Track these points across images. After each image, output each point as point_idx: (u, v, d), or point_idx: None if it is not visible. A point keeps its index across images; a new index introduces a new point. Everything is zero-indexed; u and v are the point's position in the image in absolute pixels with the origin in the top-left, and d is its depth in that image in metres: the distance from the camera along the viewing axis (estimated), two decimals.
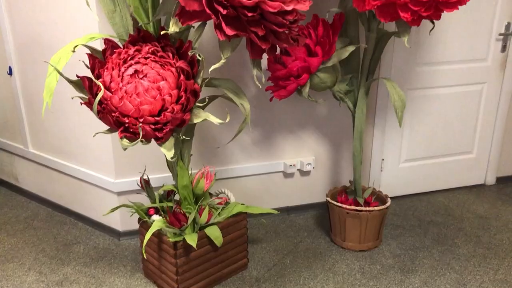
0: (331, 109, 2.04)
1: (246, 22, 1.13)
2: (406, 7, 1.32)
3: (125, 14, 1.39)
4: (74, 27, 1.70)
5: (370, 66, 1.73)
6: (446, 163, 2.33)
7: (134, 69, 1.17)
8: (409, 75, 2.10)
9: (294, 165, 2.06)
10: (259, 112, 1.94)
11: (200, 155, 1.92)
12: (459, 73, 2.16)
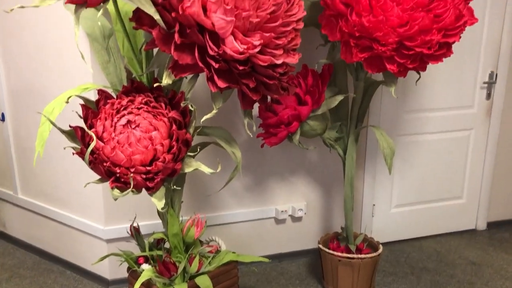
0: (322, 155, 2.06)
1: (238, 75, 1.16)
2: (392, 59, 1.37)
3: (119, 64, 1.42)
4: (68, 76, 1.73)
5: (359, 114, 1.77)
6: (437, 208, 2.34)
7: (127, 119, 1.19)
8: (397, 121, 2.14)
9: (286, 211, 2.06)
10: (250, 157, 1.95)
11: (191, 201, 1.91)
12: (447, 120, 2.21)
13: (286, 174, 2.04)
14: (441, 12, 1.31)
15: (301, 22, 1.26)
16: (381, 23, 1.30)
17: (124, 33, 1.29)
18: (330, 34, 1.47)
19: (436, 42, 1.32)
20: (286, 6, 1.21)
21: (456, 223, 2.41)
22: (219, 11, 1.07)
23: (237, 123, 1.88)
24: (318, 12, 1.55)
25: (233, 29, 1.09)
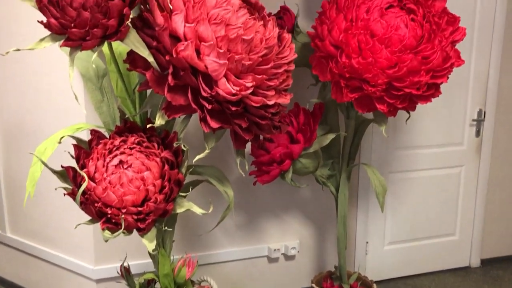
0: (315, 192, 2.06)
1: (230, 115, 1.17)
2: (382, 99, 1.40)
3: (112, 103, 1.43)
4: (61, 115, 1.73)
5: (350, 151, 1.79)
6: (430, 245, 2.33)
7: (119, 160, 1.19)
8: (389, 158, 2.16)
9: (279, 249, 2.04)
10: (243, 195, 1.95)
11: (182, 240, 1.89)
12: (437, 157, 2.23)
13: (279, 211, 2.03)
14: (429, 54, 1.34)
15: (293, 64, 1.29)
16: (370, 65, 1.33)
17: (118, 73, 1.31)
18: (321, 75, 1.50)
19: (424, 83, 1.36)
20: (278, 49, 1.24)
21: (450, 260, 2.40)
22: (212, 54, 1.09)
23: (229, 161, 1.89)
24: (309, 52, 1.59)
25: (226, 71, 1.11)
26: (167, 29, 1.10)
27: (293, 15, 1.63)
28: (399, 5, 1.36)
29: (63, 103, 1.73)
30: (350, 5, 1.39)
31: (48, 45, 1.08)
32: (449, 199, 2.31)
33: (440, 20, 1.38)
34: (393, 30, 1.32)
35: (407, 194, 2.22)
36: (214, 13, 1.10)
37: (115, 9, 1.05)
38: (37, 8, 1.08)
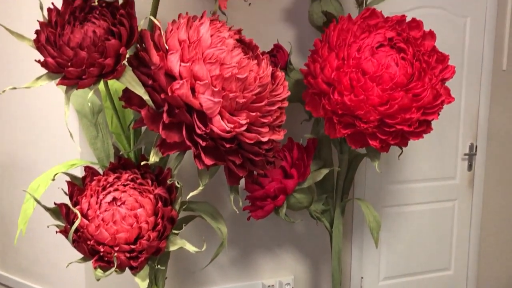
0: (309, 227, 2.05)
1: (224, 152, 1.18)
2: (374, 135, 1.41)
3: (107, 139, 1.44)
4: (55, 150, 1.73)
5: (344, 186, 1.79)
6: (425, 280, 2.31)
7: (112, 196, 1.19)
8: (382, 193, 2.16)
9: (273, 285, 2.01)
10: (236, 230, 1.93)
11: (175, 277, 1.86)
12: (430, 191, 2.24)
13: (273, 247, 2.02)
14: (420, 92, 1.37)
15: (286, 101, 1.31)
16: (362, 102, 1.35)
17: (114, 110, 1.32)
18: (314, 111, 1.52)
19: (416, 119, 1.38)
20: (271, 87, 1.26)
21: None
22: (207, 93, 1.11)
23: (223, 195, 1.88)
24: (302, 89, 1.61)
25: (220, 109, 1.13)
26: (162, 68, 1.12)
27: (286, 52, 1.67)
28: (389, 44, 1.40)
29: (57, 138, 1.73)
30: (341, 44, 1.42)
31: (44, 84, 1.10)
32: (444, 233, 2.30)
33: (430, 59, 1.42)
34: (384, 69, 1.35)
35: (401, 228, 2.22)
36: (209, 52, 1.13)
37: (112, 48, 1.07)
38: (35, 48, 1.10)
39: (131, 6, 1.14)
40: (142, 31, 1.18)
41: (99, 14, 1.10)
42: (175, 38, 1.15)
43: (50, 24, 1.11)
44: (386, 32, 1.41)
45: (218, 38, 1.15)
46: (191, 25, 1.18)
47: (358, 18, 1.47)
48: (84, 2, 1.13)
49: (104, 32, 1.08)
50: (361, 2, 1.61)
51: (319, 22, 1.67)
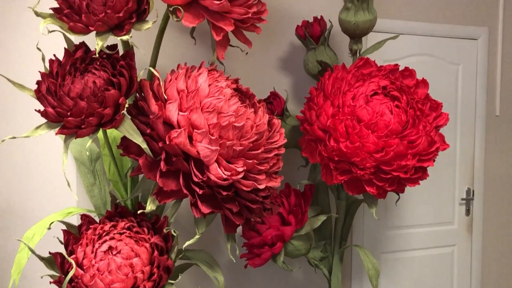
0: (308, 274, 2.02)
1: (221, 200, 1.18)
2: (371, 182, 1.42)
3: (104, 186, 1.44)
4: (51, 197, 1.73)
5: (342, 232, 1.78)
6: None
7: (108, 245, 1.18)
8: (381, 238, 2.14)
9: None
10: (234, 278, 1.90)
11: None
12: (429, 236, 2.22)
13: None
14: (414, 139, 1.39)
15: (283, 148, 1.33)
16: (358, 149, 1.37)
17: (111, 157, 1.33)
18: (310, 157, 1.53)
19: (411, 166, 1.39)
20: (268, 134, 1.28)
21: None
22: (204, 141, 1.12)
23: (219, 242, 1.86)
24: (298, 135, 1.63)
25: (217, 156, 1.14)
26: (161, 117, 1.13)
27: (282, 100, 1.70)
28: (383, 92, 1.43)
29: (54, 185, 1.72)
30: (336, 92, 1.45)
31: (43, 133, 1.11)
32: (444, 279, 2.27)
33: (424, 107, 1.44)
34: (378, 116, 1.38)
35: (400, 275, 2.18)
36: (207, 102, 1.15)
37: (111, 98, 1.09)
38: (35, 98, 1.12)
39: (131, 57, 1.17)
40: (141, 81, 1.21)
41: (100, 65, 1.13)
42: (173, 88, 1.17)
43: (51, 75, 1.14)
44: (380, 80, 1.44)
45: (216, 88, 1.18)
46: (189, 75, 1.21)
47: (352, 67, 1.51)
48: (85, 54, 1.16)
49: (104, 83, 1.11)
50: (354, 52, 1.66)
51: (314, 70, 1.71)
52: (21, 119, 1.74)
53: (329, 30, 1.70)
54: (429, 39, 2.17)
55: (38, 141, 1.77)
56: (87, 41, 1.19)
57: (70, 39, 1.18)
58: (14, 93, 1.46)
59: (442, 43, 2.20)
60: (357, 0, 1.55)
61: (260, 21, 1.35)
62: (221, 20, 1.24)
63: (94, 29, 1.12)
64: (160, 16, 1.32)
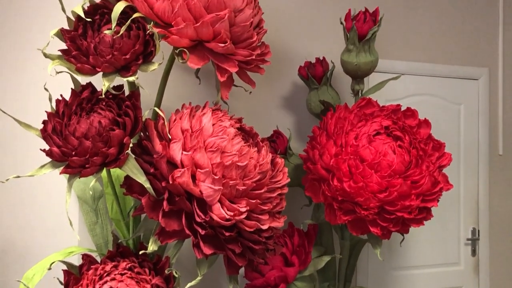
0: None
1: (224, 240, 1.17)
2: (375, 222, 1.40)
3: (106, 225, 1.43)
4: (53, 235, 1.71)
5: (346, 273, 1.75)
6: None
7: (109, 286, 1.16)
8: (386, 280, 2.10)
9: None
10: None
11: None
12: (435, 277, 2.18)
13: None
14: (418, 179, 1.39)
15: (286, 187, 1.32)
16: (361, 189, 1.36)
17: (114, 196, 1.33)
18: (314, 196, 1.53)
19: (415, 207, 1.38)
20: (271, 173, 1.28)
21: None
22: (207, 180, 1.12)
23: (222, 284, 1.83)
24: (301, 174, 1.63)
25: (220, 196, 1.13)
26: (164, 156, 1.14)
27: (285, 138, 1.71)
28: (386, 132, 1.44)
29: (56, 223, 1.71)
30: (339, 132, 1.46)
31: (47, 172, 1.11)
32: None
33: (426, 147, 1.45)
34: (381, 156, 1.38)
35: None
36: (211, 141, 1.16)
37: (116, 138, 1.10)
38: (41, 137, 1.13)
39: (136, 97, 1.19)
40: (146, 121, 1.22)
41: (106, 105, 1.15)
42: (178, 128, 1.18)
43: (57, 114, 1.16)
44: (382, 120, 1.45)
45: (220, 127, 1.19)
46: (194, 114, 1.23)
47: (354, 107, 1.52)
48: (91, 94, 1.18)
49: (110, 123, 1.12)
50: (357, 92, 1.68)
51: (317, 110, 1.73)
52: (26, 157, 1.75)
53: (331, 70, 1.73)
54: (431, 79, 2.21)
55: (42, 179, 1.78)
56: (93, 81, 1.22)
57: (77, 80, 1.20)
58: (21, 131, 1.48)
59: (444, 83, 2.23)
60: (359, 42, 1.58)
61: (264, 63, 1.38)
62: (226, 61, 1.26)
63: (101, 70, 1.14)
64: (166, 57, 1.35)
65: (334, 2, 2.01)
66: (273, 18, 1.88)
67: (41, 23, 1.72)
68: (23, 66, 1.75)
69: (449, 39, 2.25)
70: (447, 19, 2.25)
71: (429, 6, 2.21)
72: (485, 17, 2.33)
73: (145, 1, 1.17)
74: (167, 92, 1.40)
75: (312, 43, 1.97)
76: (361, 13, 1.57)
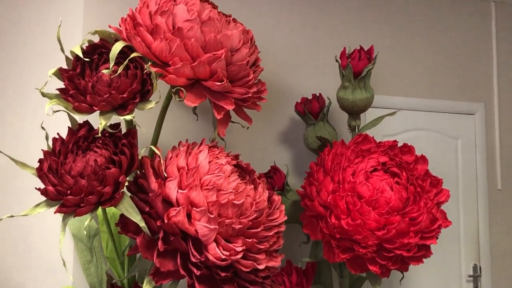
0: None
1: (219, 281, 1.15)
2: (374, 260, 1.38)
3: (101, 264, 1.41)
4: (47, 273, 1.69)
5: None
6: None
7: None
8: None
9: None
10: None
11: None
12: None
13: None
14: (416, 216, 1.37)
15: (283, 225, 1.31)
16: (359, 226, 1.35)
17: (110, 234, 1.32)
18: (312, 234, 1.51)
19: (414, 244, 1.36)
20: (268, 211, 1.27)
21: None
22: (203, 219, 1.11)
23: None
24: (299, 210, 1.62)
25: (216, 235, 1.12)
26: (160, 195, 1.13)
27: (283, 174, 1.70)
28: (383, 169, 1.43)
29: (51, 262, 1.69)
30: (336, 168, 1.46)
31: (42, 211, 1.10)
32: None
33: (424, 183, 1.44)
34: (379, 193, 1.37)
35: None
36: (207, 179, 1.15)
37: (112, 177, 1.10)
38: (36, 176, 1.13)
39: (133, 136, 1.19)
40: (142, 158, 1.22)
41: (102, 144, 1.15)
42: (174, 165, 1.18)
43: (53, 153, 1.16)
44: (379, 157, 1.45)
45: (216, 165, 1.19)
46: (190, 152, 1.23)
47: (351, 143, 1.53)
48: (88, 132, 1.18)
49: (105, 161, 1.12)
50: (353, 128, 1.69)
51: (314, 145, 1.73)
52: (23, 194, 1.74)
53: (327, 106, 1.75)
54: (427, 114, 2.22)
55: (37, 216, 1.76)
56: (91, 119, 1.22)
57: (74, 118, 1.20)
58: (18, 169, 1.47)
59: (440, 118, 2.24)
60: (354, 79, 1.59)
61: (260, 100, 1.39)
62: (223, 99, 1.27)
63: (98, 109, 1.15)
64: (163, 95, 1.36)
65: (330, 39, 2.05)
66: (270, 55, 1.91)
67: (40, 63, 1.74)
68: (22, 104, 1.77)
69: (444, 74, 2.28)
70: (442, 56, 2.28)
71: (423, 42, 2.25)
72: (479, 53, 2.36)
73: (143, 41, 1.19)
74: (164, 128, 1.41)
75: (309, 79, 1.99)
76: (356, 51, 1.59)
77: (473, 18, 2.35)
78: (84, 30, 1.65)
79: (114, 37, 1.25)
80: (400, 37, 2.20)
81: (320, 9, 2.04)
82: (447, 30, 2.29)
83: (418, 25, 2.24)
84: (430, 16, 2.26)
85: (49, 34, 1.73)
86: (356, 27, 2.10)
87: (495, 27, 2.38)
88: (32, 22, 1.80)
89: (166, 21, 1.18)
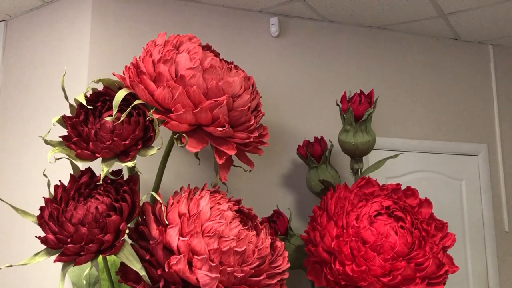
0: None
1: None
2: None
3: None
4: None
5: None
6: None
7: None
8: None
9: None
10: None
11: None
12: None
13: None
14: (422, 261, 1.34)
15: (286, 273, 1.28)
16: (364, 272, 1.32)
17: (110, 282, 1.29)
18: (316, 281, 1.48)
19: None
20: (271, 258, 1.25)
21: None
22: (204, 268, 1.09)
23: None
24: (303, 255, 1.59)
25: (217, 284, 1.10)
26: (161, 242, 1.12)
27: (285, 218, 1.68)
28: (387, 213, 1.42)
29: None
30: (340, 212, 1.44)
31: (41, 260, 1.09)
32: None
33: (429, 227, 1.42)
34: (383, 238, 1.35)
35: None
36: (208, 226, 1.14)
37: (112, 224, 1.09)
38: (37, 224, 1.12)
39: (134, 182, 1.19)
40: (144, 205, 1.22)
41: (103, 190, 1.15)
42: (175, 212, 1.17)
43: (55, 200, 1.15)
44: (382, 200, 1.44)
45: (218, 211, 1.18)
46: (191, 198, 1.22)
47: (354, 187, 1.52)
48: (90, 179, 1.18)
49: (107, 208, 1.11)
50: (356, 171, 1.68)
51: (317, 189, 1.72)
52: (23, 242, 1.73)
53: (329, 149, 1.75)
54: (430, 155, 2.22)
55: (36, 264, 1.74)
56: (93, 165, 1.22)
57: (77, 165, 1.21)
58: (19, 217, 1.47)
59: (443, 159, 2.24)
60: (355, 123, 1.60)
61: (262, 144, 1.40)
62: (224, 144, 1.28)
63: (100, 156, 1.16)
64: (165, 141, 1.37)
65: (330, 83, 2.07)
66: (271, 99, 1.93)
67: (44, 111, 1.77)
68: (24, 151, 1.78)
69: (446, 116, 2.29)
70: (443, 97, 2.30)
71: (424, 86, 2.27)
72: (479, 94, 2.38)
73: (146, 89, 1.21)
74: (166, 172, 1.41)
75: (310, 122, 2.01)
76: (356, 95, 1.61)
77: (472, 60, 2.38)
78: (88, 78, 1.69)
79: (118, 84, 1.27)
80: (401, 80, 2.22)
81: (321, 53, 2.07)
82: (447, 72, 2.32)
83: (419, 68, 2.27)
84: (430, 58, 2.29)
85: (53, 82, 1.76)
86: (358, 70, 2.13)
87: (493, 69, 2.42)
88: (37, 70, 1.83)
89: (169, 69, 1.20)
